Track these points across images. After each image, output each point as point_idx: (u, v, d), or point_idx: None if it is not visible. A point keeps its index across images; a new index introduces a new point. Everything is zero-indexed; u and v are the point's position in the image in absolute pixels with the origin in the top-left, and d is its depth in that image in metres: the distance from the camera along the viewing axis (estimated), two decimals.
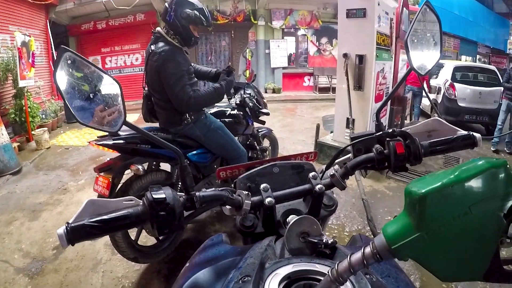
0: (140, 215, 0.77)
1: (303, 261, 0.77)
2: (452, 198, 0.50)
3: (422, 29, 1.18)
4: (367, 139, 1.06)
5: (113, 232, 0.78)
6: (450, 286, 3.09)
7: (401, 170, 1.01)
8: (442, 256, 0.52)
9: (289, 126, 9.27)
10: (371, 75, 5.53)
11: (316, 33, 16.00)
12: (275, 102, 13.08)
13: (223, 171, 1.27)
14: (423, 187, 0.51)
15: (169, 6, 2.98)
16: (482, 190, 0.50)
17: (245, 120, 3.84)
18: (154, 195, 0.77)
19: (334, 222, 4.14)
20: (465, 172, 0.51)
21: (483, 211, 0.49)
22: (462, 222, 0.49)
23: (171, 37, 3.00)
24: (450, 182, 0.50)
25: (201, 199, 0.86)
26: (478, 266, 0.53)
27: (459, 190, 0.50)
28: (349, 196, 4.82)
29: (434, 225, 0.50)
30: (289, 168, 1.09)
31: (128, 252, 2.98)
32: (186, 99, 2.89)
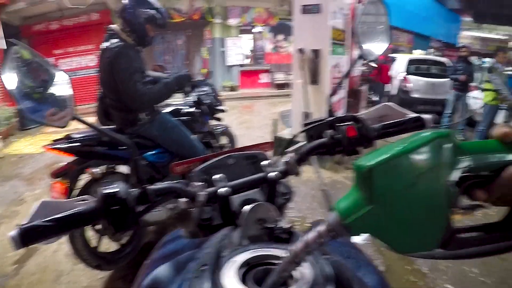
0: (94, 212, 0.74)
1: (261, 247, 0.76)
2: (400, 169, 0.49)
3: (371, 19, 1.20)
4: (319, 125, 1.06)
5: (67, 231, 0.74)
6: (415, 267, 3.21)
7: (353, 154, 1.02)
8: (395, 228, 0.52)
9: (247, 123, 9.32)
10: (326, 69, 5.61)
11: (273, 30, 16.16)
12: (233, 100, 13.03)
13: (179, 165, 1.25)
14: (370, 160, 0.50)
15: (128, 3, 2.94)
16: (429, 160, 0.50)
17: (202, 118, 3.80)
18: (106, 190, 0.74)
19: (296, 215, 4.18)
20: (412, 143, 0.50)
21: (431, 180, 0.49)
22: (412, 192, 0.49)
23: (126, 34, 2.95)
24: (396, 154, 0.49)
25: (155, 192, 0.83)
26: (433, 235, 0.53)
27: (406, 161, 0.49)
28: (309, 188, 4.87)
29: (383, 197, 0.50)
30: (244, 158, 1.08)
31: (90, 260, 2.90)
32: (139, 95, 2.83)
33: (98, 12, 12.79)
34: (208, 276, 0.65)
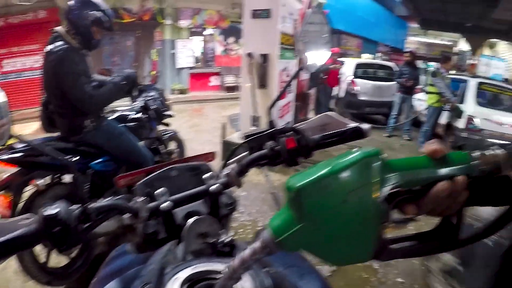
0: (35, 234, 0.72)
1: (203, 261, 0.77)
2: (328, 189, 0.51)
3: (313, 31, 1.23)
4: (260, 137, 1.08)
5: (8, 256, 0.71)
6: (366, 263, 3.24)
7: (294, 165, 1.04)
8: (327, 243, 0.54)
9: (196, 126, 9.25)
10: (274, 73, 5.70)
11: (223, 32, 16.08)
12: (182, 103, 12.90)
13: (123, 178, 1.23)
14: (299, 181, 0.52)
15: (74, 4, 2.86)
16: (357, 179, 0.52)
17: (149, 124, 3.75)
18: (45, 212, 0.72)
19: (247, 218, 4.22)
20: (340, 164, 0.52)
21: (360, 198, 0.51)
22: (342, 210, 0.51)
23: (71, 37, 2.85)
24: (324, 174, 0.51)
25: (96, 210, 0.81)
26: (365, 248, 0.55)
27: (335, 181, 0.51)
28: (259, 191, 4.92)
29: (313, 215, 0.51)
30: (186, 170, 1.07)
31: (40, 277, 2.80)
32: (87, 97, 2.74)
33: (45, 10, 12.09)
34: None
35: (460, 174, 0.57)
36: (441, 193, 0.56)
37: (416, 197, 0.58)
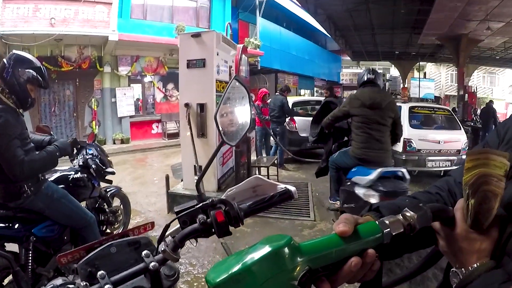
0: None
1: None
2: (243, 282, 0.56)
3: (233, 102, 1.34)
4: (191, 211, 1.13)
5: None
6: None
7: (226, 235, 1.09)
8: None
9: (140, 178, 9.11)
10: (212, 122, 5.74)
11: (163, 79, 16.14)
12: (124, 153, 12.81)
13: (64, 257, 1.26)
14: (217, 277, 0.57)
15: (7, 62, 2.79)
16: (269, 269, 0.57)
17: (90, 183, 3.70)
18: None
19: (199, 271, 4.17)
20: (251, 259, 0.58)
21: (275, 285, 0.57)
22: None
23: (6, 96, 2.77)
24: (238, 271, 0.57)
25: None
26: None
27: (248, 276, 0.56)
28: (209, 241, 4.86)
29: None
30: (126, 245, 1.10)
31: None
32: (18, 163, 2.67)
33: None
34: None
35: (372, 246, 0.64)
36: (352, 268, 0.63)
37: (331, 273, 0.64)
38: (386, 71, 30.42)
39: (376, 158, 4.49)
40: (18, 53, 2.93)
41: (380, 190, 3.87)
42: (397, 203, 0.90)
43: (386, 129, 4.59)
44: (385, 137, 4.59)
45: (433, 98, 25.92)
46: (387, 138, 4.62)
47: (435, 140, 8.13)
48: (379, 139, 4.53)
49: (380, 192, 3.85)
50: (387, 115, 4.55)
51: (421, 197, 0.98)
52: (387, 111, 4.53)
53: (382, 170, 3.97)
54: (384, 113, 4.52)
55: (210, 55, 5.83)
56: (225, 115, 1.30)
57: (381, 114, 4.51)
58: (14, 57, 2.85)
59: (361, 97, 4.59)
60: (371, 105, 4.47)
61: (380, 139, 4.54)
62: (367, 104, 4.48)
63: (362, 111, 4.51)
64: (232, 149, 6.76)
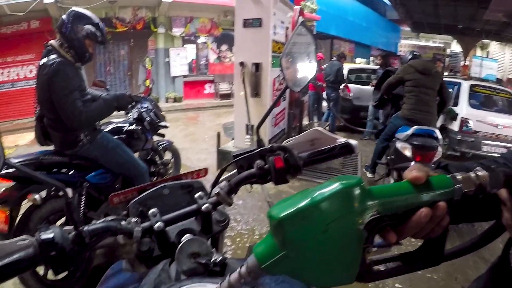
0: (32, 258, 0.74)
1: (195, 281, 0.77)
2: (309, 220, 0.52)
3: (298, 48, 1.26)
4: (248, 156, 1.10)
5: (7, 279, 0.73)
6: None
7: (282, 183, 1.05)
8: (311, 269, 0.55)
9: (191, 135, 9.23)
10: (267, 82, 5.75)
11: (216, 40, 16.08)
12: (177, 112, 12.96)
13: (117, 196, 1.25)
14: (281, 212, 0.53)
15: (66, 18, 2.85)
16: (337, 209, 0.53)
17: (144, 135, 3.76)
18: (42, 237, 0.74)
19: (243, 227, 4.24)
20: (320, 195, 0.53)
21: (341, 227, 0.53)
22: (323, 239, 0.53)
23: (65, 50, 2.85)
24: (305, 206, 0.52)
25: (91, 233, 0.82)
26: (348, 272, 0.57)
27: (315, 212, 0.52)
28: (255, 199, 4.95)
29: (295, 243, 0.53)
30: (178, 188, 1.09)
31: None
32: (77, 114, 2.75)
33: (38, 20, 12.03)
34: None
35: (442, 199, 0.59)
36: (422, 219, 0.58)
37: (399, 222, 0.60)
38: (447, 46, 28.98)
39: (422, 120, 4.93)
40: (77, 10, 2.97)
41: (412, 144, 4.36)
42: (466, 165, 0.86)
43: (433, 94, 5.09)
44: (432, 101, 5.10)
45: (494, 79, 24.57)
46: (433, 103, 5.12)
47: (493, 123, 7.55)
48: (427, 102, 5.04)
49: (412, 145, 4.35)
50: (436, 81, 5.06)
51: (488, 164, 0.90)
52: (435, 78, 5.06)
53: (417, 127, 4.51)
54: (433, 79, 5.04)
55: (267, 14, 5.70)
56: (290, 60, 1.22)
57: (430, 80, 5.02)
58: (73, 13, 2.89)
59: (414, 65, 5.10)
60: (423, 70, 4.98)
61: (428, 102, 5.05)
62: (419, 69, 4.99)
63: (414, 76, 5.02)
64: (285, 111, 6.70)
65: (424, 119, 4.96)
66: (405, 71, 5.15)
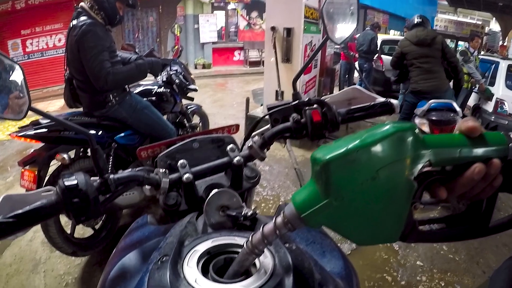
0: (54, 205, 0.71)
1: (223, 235, 0.75)
2: (358, 164, 0.48)
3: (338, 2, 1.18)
4: (284, 109, 1.04)
5: (29, 226, 0.71)
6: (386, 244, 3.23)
7: (319, 138, 0.99)
8: (354, 221, 0.51)
9: (220, 101, 9.24)
10: (299, 47, 5.59)
11: (246, 7, 15.90)
12: (206, 78, 12.93)
13: (144, 150, 1.22)
14: (327, 154, 0.48)
15: None
16: (389, 154, 0.48)
17: (173, 98, 3.75)
18: (65, 182, 0.71)
19: (269, 193, 4.23)
20: (371, 136, 0.48)
21: (391, 175, 0.48)
22: (371, 187, 0.48)
23: (95, 12, 2.85)
24: (354, 148, 0.47)
25: (116, 182, 0.80)
26: (393, 228, 0.52)
27: (365, 155, 0.47)
28: (282, 166, 4.95)
29: (341, 191, 0.48)
30: (209, 142, 1.05)
31: (65, 248, 2.86)
32: (104, 74, 2.74)
33: None
34: (169, 267, 0.64)
35: (497, 156, 0.54)
36: (476, 175, 0.53)
37: (448, 179, 0.55)
38: (486, 24, 27.80)
39: (430, 88, 4.99)
40: None
41: (429, 119, 4.20)
42: None
43: (435, 61, 5.04)
44: (435, 67, 5.05)
45: None
46: (438, 68, 5.07)
47: None
48: (429, 70, 5.02)
49: (429, 121, 4.20)
50: (435, 49, 5.00)
51: None
52: (433, 45, 4.98)
53: (433, 101, 4.35)
54: (431, 47, 5.00)
55: None
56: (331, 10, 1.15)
57: (428, 49, 5.00)
58: None
59: (408, 37, 5.18)
60: (418, 42, 5.01)
61: (431, 70, 5.03)
62: (414, 42, 5.04)
63: (411, 48, 5.09)
64: (315, 79, 6.58)
65: (431, 86, 5.00)
66: (402, 45, 5.24)
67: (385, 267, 3.03)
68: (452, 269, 3.00)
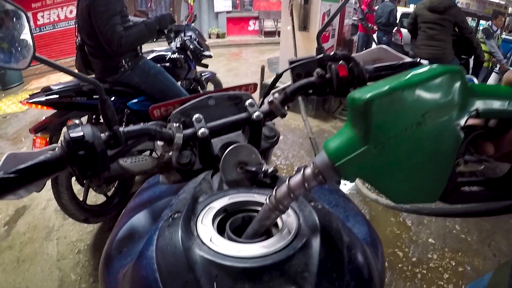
0: (59, 159, 0.65)
1: (241, 192, 0.70)
2: (403, 105, 0.43)
3: None
4: (307, 63, 0.97)
5: (33, 182, 0.65)
6: (399, 219, 3.25)
7: (344, 95, 0.93)
8: (394, 174, 0.46)
9: (234, 70, 9.15)
10: (316, 16, 5.46)
11: None
12: (220, 47, 12.78)
13: (157, 108, 1.16)
14: (368, 92, 0.42)
15: None
16: (437, 96, 0.43)
17: (187, 64, 3.68)
18: (71, 134, 0.64)
19: (283, 162, 4.21)
20: (418, 75, 0.43)
21: (438, 121, 0.43)
22: (415, 134, 0.43)
23: None
24: (399, 86, 0.42)
25: (126, 135, 0.74)
26: (435, 186, 0.48)
27: (411, 96, 0.42)
28: (297, 136, 4.93)
29: (382, 136, 0.43)
30: (226, 99, 0.99)
31: (78, 215, 2.87)
32: (117, 38, 2.69)
33: None
34: (181, 224, 0.58)
35: None
36: None
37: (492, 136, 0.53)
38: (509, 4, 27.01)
39: (428, 55, 4.97)
40: None
41: None
42: None
43: (442, 30, 5.03)
44: (440, 36, 5.05)
45: None
46: (443, 37, 5.05)
47: None
48: (433, 37, 5.06)
49: None
50: (446, 19, 4.96)
51: None
52: (445, 14, 4.94)
53: None
54: (442, 16, 4.96)
55: None
56: None
57: (439, 16, 4.97)
58: None
59: (424, 1, 5.13)
60: (430, 7, 4.99)
61: (434, 37, 5.06)
62: (427, 6, 5.02)
63: (422, 12, 5.11)
64: (332, 49, 6.45)
65: (430, 54, 5.01)
66: (417, 8, 5.30)
67: (397, 242, 3.01)
68: (463, 249, 2.97)
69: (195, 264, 0.53)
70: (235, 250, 0.54)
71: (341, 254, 0.56)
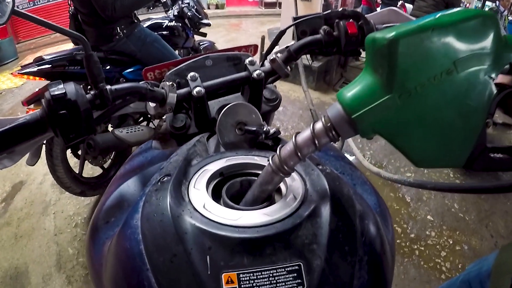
0: (39, 120, 0.59)
1: (240, 154, 0.64)
2: (432, 48, 0.37)
3: None
4: (313, 20, 0.90)
5: (12, 146, 0.59)
6: (398, 195, 3.26)
7: (353, 55, 0.88)
8: (418, 129, 0.41)
9: (233, 41, 9.02)
10: None
11: None
12: (219, 18, 12.57)
13: (151, 71, 1.09)
14: (393, 31, 0.37)
15: None
16: (470, 42, 0.38)
17: (185, 33, 3.60)
18: (52, 92, 0.58)
19: (282, 134, 4.11)
20: (448, 16, 0.38)
21: (470, 71, 0.38)
22: (445, 83, 0.38)
23: None
24: (429, 25, 0.37)
25: (113, 93, 0.67)
26: (462, 146, 0.43)
27: (441, 38, 0.37)
28: (296, 108, 4.90)
29: (408, 84, 0.38)
30: (224, 60, 0.92)
31: (74, 187, 2.85)
32: (111, 2, 2.59)
33: None
34: (170, 188, 0.52)
35: None
36: None
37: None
38: None
39: None
40: None
41: None
42: None
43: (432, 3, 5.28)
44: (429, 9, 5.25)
45: None
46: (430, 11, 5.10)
47: None
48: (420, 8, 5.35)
49: None
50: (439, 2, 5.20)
51: None
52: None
53: None
54: None
55: None
56: None
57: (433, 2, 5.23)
58: None
59: None
60: None
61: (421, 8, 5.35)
62: None
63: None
64: None
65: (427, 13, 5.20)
66: None
67: (395, 218, 3.01)
68: (461, 228, 2.97)
69: (185, 234, 0.47)
70: (232, 218, 0.49)
71: (353, 225, 0.50)
